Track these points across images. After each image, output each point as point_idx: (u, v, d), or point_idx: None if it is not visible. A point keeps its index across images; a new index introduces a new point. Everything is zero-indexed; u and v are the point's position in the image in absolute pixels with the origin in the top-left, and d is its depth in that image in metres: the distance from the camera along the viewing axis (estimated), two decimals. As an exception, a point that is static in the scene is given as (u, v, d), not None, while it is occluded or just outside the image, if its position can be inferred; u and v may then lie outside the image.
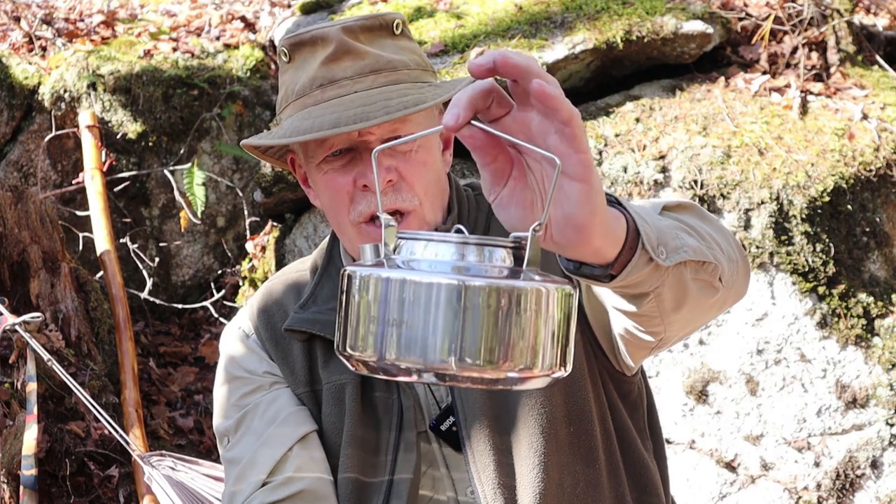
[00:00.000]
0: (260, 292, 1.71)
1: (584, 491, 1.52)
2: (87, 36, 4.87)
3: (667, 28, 3.83)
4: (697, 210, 1.34)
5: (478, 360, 0.87)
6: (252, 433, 1.60)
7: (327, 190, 1.54)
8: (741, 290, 1.38)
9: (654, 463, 1.63)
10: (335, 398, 1.57)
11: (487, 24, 4.08)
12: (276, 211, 4.16)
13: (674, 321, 1.31)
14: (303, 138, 1.46)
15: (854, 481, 3.32)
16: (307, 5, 4.86)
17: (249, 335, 1.67)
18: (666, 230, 1.15)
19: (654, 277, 1.14)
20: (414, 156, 1.51)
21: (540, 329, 0.89)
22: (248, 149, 1.62)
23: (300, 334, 1.61)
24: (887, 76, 4.00)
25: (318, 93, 1.50)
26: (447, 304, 0.87)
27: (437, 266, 0.90)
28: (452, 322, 0.87)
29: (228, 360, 1.67)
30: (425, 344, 0.87)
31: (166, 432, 3.86)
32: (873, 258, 3.46)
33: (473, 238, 0.91)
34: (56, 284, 3.72)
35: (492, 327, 0.87)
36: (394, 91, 1.48)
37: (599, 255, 1.03)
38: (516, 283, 0.89)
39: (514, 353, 0.88)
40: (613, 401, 1.58)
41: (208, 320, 4.51)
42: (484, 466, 1.50)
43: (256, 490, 1.54)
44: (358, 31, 1.53)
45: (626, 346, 1.50)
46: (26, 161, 4.53)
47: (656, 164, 3.49)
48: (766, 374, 3.34)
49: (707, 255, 1.22)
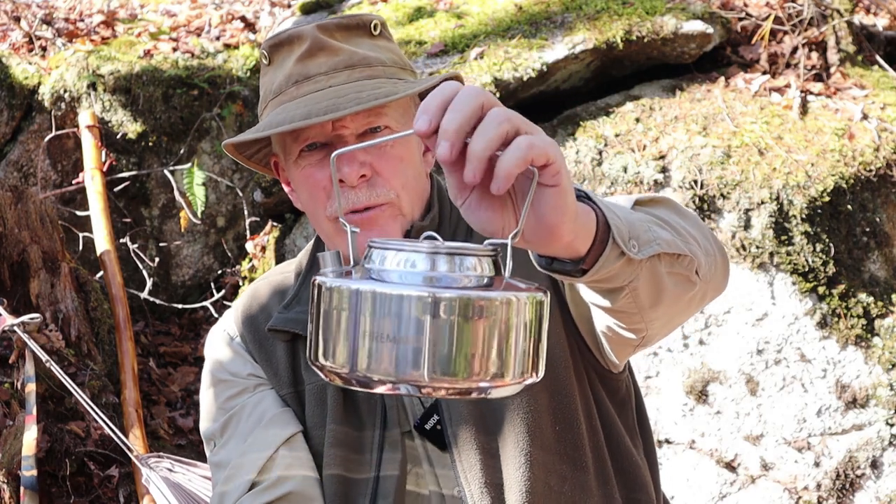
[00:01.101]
0: (244, 295, 1.72)
1: (571, 489, 1.51)
2: (87, 36, 4.87)
3: (667, 28, 3.83)
4: (672, 204, 1.35)
5: (449, 371, 0.87)
6: (238, 436, 1.60)
7: (305, 186, 1.54)
8: (720, 283, 1.38)
9: (643, 460, 1.63)
10: (317, 398, 1.58)
11: (487, 24, 4.08)
12: (276, 211, 4.16)
13: (653, 318, 1.32)
14: (273, 131, 1.46)
15: (854, 481, 3.32)
16: (307, 5, 4.86)
17: (234, 338, 1.68)
18: (638, 223, 1.16)
19: (627, 271, 1.14)
20: (389, 150, 1.51)
21: (511, 338, 0.89)
22: (231, 153, 1.62)
23: (283, 334, 1.61)
24: (887, 76, 4.00)
25: (293, 89, 1.51)
26: (417, 316, 0.86)
27: (408, 277, 0.90)
28: (422, 334, 0.86)
29: (213, 364, 1.68)
30: (396, 356, 0.87)
31: (166, 432, 3.85)
32: (873, 258, 3.46)
33: (444, 247, 0.91)
34: (56, 284, 3.72)
35: (462, 338, 0.87)
36: (367, 84, 1.49)
37: (571, 250, 1.05)
38: (486, 294, 0.89)
39: (485, 363, 0.88)
40: (600, 398, 1.58)
41: (208, 320, 4.51)
42: (470, 466, 1.50)
43: (245, 493, 1.54)
44: (334, 29, 1.54)
45: (609, 344, 1.50)
46: (26, 161, 4.53)
47: (656, 164, 3.48)
48: (766, 374, 3.34)
49: (682, 248, 1.23)
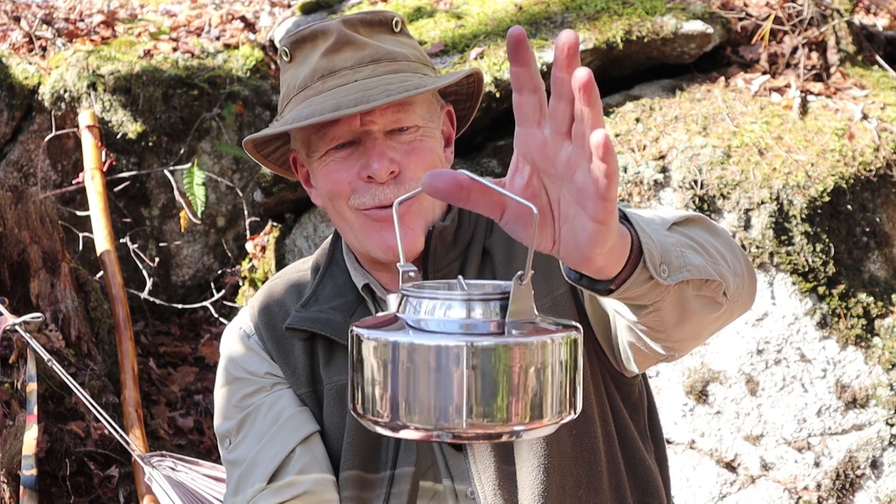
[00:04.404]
0: (261, 292, 1.70)
1: (585, 493, 1.51)
2: (87, 36, 4.87)
3: (667, 28, 3.83)
4: (705, 223, 1.33)
5: (488, 417, 0.88)
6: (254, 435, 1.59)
7: (328, 180, 1.52)
8: (747, 302, 1.38)
9: (655, 465, 1.62)
10: (337, 398, 1.57)
11: (487, 24, 4.08)
12: (276, 211, 4.16)
13: (680, 336, 1.31)
14: (303, 123, 1.45)
15: (854, 481, 3.32)
16: (307, 5, 4.86)
17: (251, 335, 1.66)
18: (671, 248, 1.14)
19: (653, 293, 1.14)
20: (417, 146, 1.51)
21: (548, 380, 0.90)
22: (249, 151, 1.60)
23: (301, 333, 1.60)
24: (887, 76, 4.00)
25: (319, 84, 1.50)
26: (455, 365, 0.88)
27: (444, 325, 0.91)
28: (461, 382, 0.87)
29: (229, 361, 1.66)
30: (436, 405, 0.88)
31: (166, 432, 3.85)
32: (873, 258, 3.46)
33: (478, 293, 0.92)
34: (56, 284, 3.72)
35: (501, 385, 0.88)
36: (394, 78, 1.48)
37: (602, 273, 1.04)
38: (523, 339, 0.89)
39: (524, 407, 0.89)
40: (615, 402, 1.58)
41: (208, 320, 4.51)
42: (485, 467, 1.50)
43: (260, 492, 1.54)
44: (358, 24, 1.53)
45: (634, 354, 1.49)
46: (26, 161, 4.53)
47: (656, 164, 3.48)
48: (766, 374, 3.34)
49: (711, 273, 1.21)
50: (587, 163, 0.89)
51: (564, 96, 0.90)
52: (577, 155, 0.90)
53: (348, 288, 1.60)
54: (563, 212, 0.95)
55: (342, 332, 1.55)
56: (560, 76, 0.90)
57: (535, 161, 0.94)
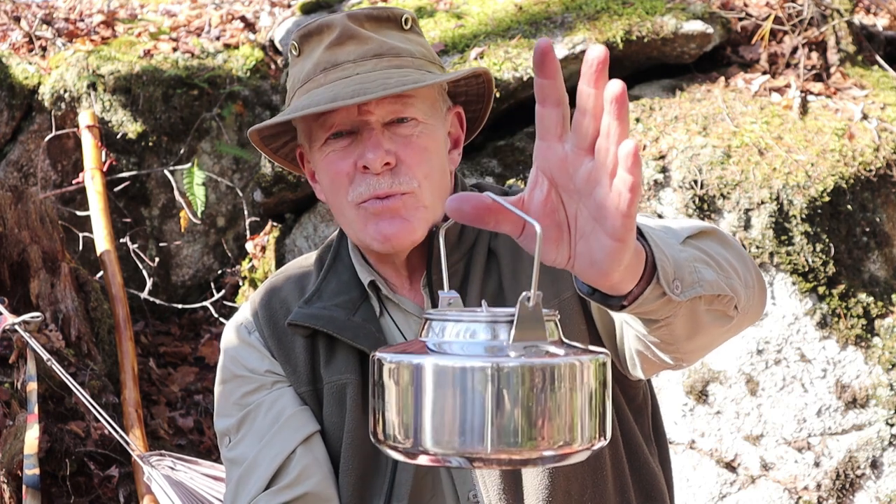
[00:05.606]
0: (262, 288, 1.69)
1: (591, 498, 1.50)
2: (87, 36, 4.87)
3: (667, 28, 3.83)
4: (718, 235, 1.32)
5: (514, 443, 0.85)
6: (254, 433, 1.58)
7: (328, 172, 1.52)
8: (757, 313, 1.37)
9: (659, 468, 1.62)
10: (336, 398, 1.55)
11: (487, 24, 4.08)
12: (276, 211, 4.16)
13: (689, 349, 1.30)
14: (298, 114, 1.45)
15: (854, 481, 3.32)
16: (307, 5, 4.86)
17: (251, 332, 1.64)
18: (684, 264, 1.13)
19: (665, 309, 1.13)
20: (415, 140, 1.50)
21: (576, 404, 0.87)
22: (257, 145, 1.60)
23: (303, 329, 1.58)
24: (887, 76, 4.00)
25: (320, 76, 1.50)
26: (480, 388, 0.85)
27: (468, 348, 0.88)
28: (486, 406, 0.85)
29: (230, 358, 1.65)
30: (460, 430, 0.85)
31: (166, 432, 3.85)
32: (873, 258, 3.46)
33: (504, 314, 0.89)
34: (56, 284, 3.72)
35: (527, 408, 0.85)
36: (395, 73, 1.48)
37: (615, 290, 1.03)
38: (550, 361, 0.86)
39: (552, 432, 0.86)
40: (620, 405, 1.57)
41: (208, 320, 4.51)
42: (489, 472, 1.49)
43: (260, 492, 1.52)
44: (363, 19, 1.53)
45: (641, 362, 1.47)
46: (26, 161, 4.53)
47: (656, 164, 3.48)
48: (766, 374, 3.34)
49: (724, 288, 1.20)
50: (608, 178, 0.88)
51: (590, 111, 0.88)
52: (597, 170, 0.89)
53: (353, 285, 1.60)
54: (580, 227, 0.94)
55: (344, 330, 1.54)
56: (587, 91, 0.88)
57: (553, 175, 0.93)
